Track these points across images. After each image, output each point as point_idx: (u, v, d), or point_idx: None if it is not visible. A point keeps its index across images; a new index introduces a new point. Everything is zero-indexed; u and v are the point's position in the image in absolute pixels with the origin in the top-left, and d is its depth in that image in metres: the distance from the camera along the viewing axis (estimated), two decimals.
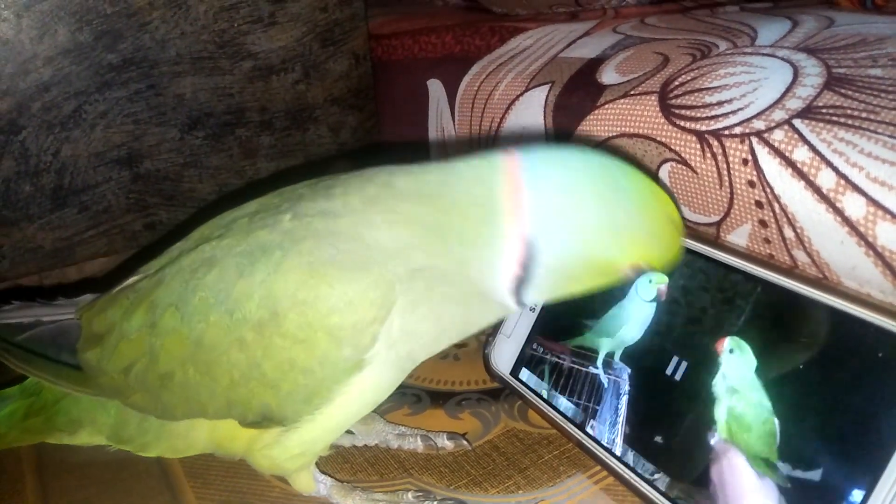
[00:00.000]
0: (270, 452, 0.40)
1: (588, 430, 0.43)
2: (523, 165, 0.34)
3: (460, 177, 0.35)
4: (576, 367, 0.46)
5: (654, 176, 0.38)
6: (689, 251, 0.42)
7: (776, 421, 0.35)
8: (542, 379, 0.47)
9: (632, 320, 0.44)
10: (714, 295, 0.40)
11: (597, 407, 0.43)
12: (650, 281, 0.43)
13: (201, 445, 0.42)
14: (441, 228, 0.35)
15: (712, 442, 0.37)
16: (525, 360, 0.49)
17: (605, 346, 0.45)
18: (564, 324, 0.47)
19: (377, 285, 0.34)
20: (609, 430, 0.42)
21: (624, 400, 0.42)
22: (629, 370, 0.43)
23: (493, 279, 0.35)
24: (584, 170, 0.34)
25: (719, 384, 0.38)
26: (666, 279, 0.42)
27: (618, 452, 0.41)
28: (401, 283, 0.35)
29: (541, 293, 0.36)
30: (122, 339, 0.39)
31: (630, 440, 0.41)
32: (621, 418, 0.42)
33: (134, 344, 0.39)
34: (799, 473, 0.34)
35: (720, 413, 0.37)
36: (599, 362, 0.44)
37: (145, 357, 0.38)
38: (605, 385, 0.44)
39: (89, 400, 0.43)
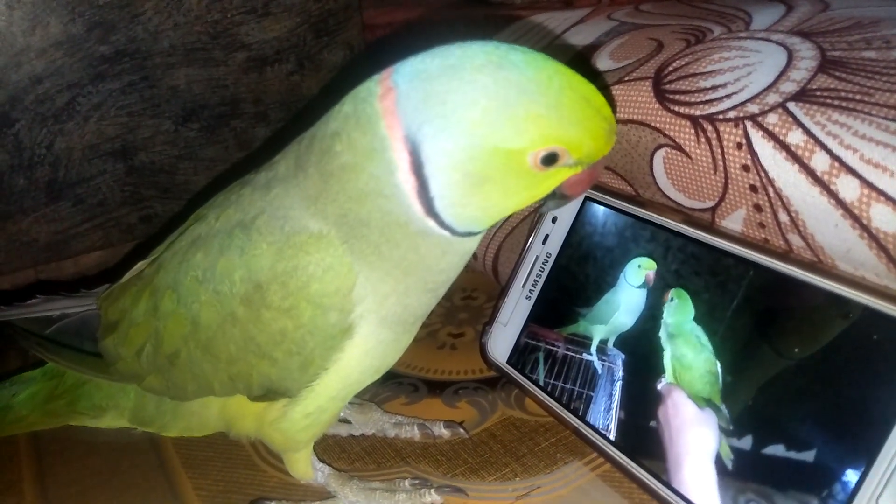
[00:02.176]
0: (280, 426, 0.40)
1: (584, 417, 0.43)
2: (395, 70, 0.31)
3: (339, 113, 0.33)
4: (571, 354, 0.46)
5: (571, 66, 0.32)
6: (683, 237, 0.42)
7: (718, 364, 0.38)
8: (539, 367, 0.47)
9: (623, 307, 0.44)
10: (708, 280, 0.40)
11: (592, 394, 0.43)
12: (639, 266, 0.43)
13: (214, 424, 0.43)
14: (336, 173, 0.32)
15: (659, 387, 0.40)
16: (521, 348, 0.49)
17: (598, 333, 0.45)
18: (559, 312, 0.47)
19: (347, 249, 0.33)
20: (604, 416, 0.42)
21: (618, 386, 0.42)
22: (623, 356, 0.43)
23: (399, 199, 0.31)
24: (464, 54, 0.30)
25: (663, 332, 0.41)
26: (654, 265, 0.42)
27: (613, 438, 0.41)
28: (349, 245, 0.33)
29: (456, 206, 0.31)
30: (132, 324, 0.40)
31: (625, 426, 0.41)
32: (615, 404, 0.42)
33: (141, 328, 0.40)
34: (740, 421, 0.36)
35: (667, 360, 0.40)
36: (593, 349, 0.44)
37: (152, 339, 0.39)
38: (601, 372, 0.44)
39: (110, 385, 0.44)
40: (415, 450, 0.46)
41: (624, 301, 0.44)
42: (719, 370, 0.38)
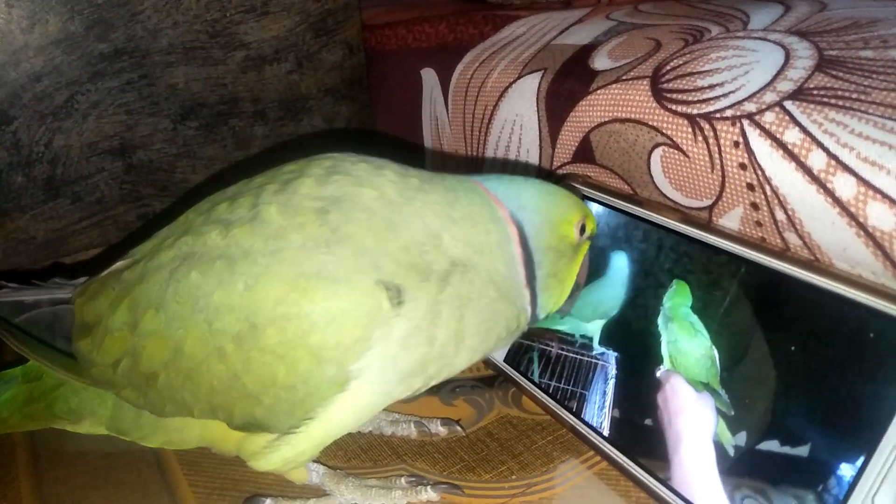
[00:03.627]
0: (261, 458, 0.39)
1: (580, 414, 0.43)
2: (486, 185, 0.39)
3: (447, 182, 0.38)
4: (565, 353, 0.46)
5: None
6: (681, 235, 0.42)
7: (714, 349, 0.38)
8: (535, 365, 0.47)
9: (605, 302, 0.44)
10: (701, 277, 0.40)
11: (588, 392, 0.43)
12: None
13: (195, 442, 0.41)
14: (457, 219, 0.36)
15: (658, 375, 0.41)
16: (518, 347, 0.49)
17: (582, 329, 0.45)
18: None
19: (364, 298, 0.33)
20: (600, 413, 0.42)
21: (613, 383, 0.42)
22: (618, 353, 0.43)
23: (512, 265, 0.37)
24: (519, 180, 0.40)
25: (661, 321, 0.41)
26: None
27: (609, 436, 0.41)
28: (418, 282, 0.34)
29: (543, 283, 0.39)
30: (108, 334, 0.38)
31: (621, 423, 0.41)
32: (611, 402, 0.42)
33: (118, 341, 0.38)
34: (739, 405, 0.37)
35: (664, 348, 0.41)
36: (578, 346, 0.45)
37: (130, 355, 0.37)
38: (596, 369, 0.44)
39: (87, 390, 0.42)
40: (411, 447, 0.46)
41: (605, 296, 0.45)
42: (716, 356, 0.38)
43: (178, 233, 0.38)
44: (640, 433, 0.40)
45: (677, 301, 0.41)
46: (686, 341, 0.40)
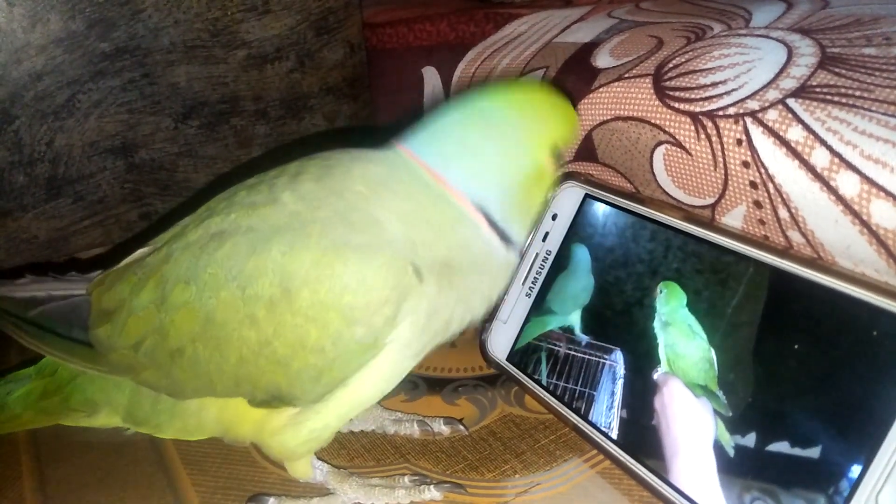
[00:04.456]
0: (281, 437, 0.39)
1: (584, 413, 0.43)
2: (418, 152, 0.39)
3: (399, 172, 0.39)
4: (570, 351, 0.46)
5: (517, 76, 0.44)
6: (683, 234, 0.42)
7: (712, 351, 0.38)
8: (538, 364, 0.47)
9: (580, 293, 0.46)
10: (709, 276, 0.40)
11: (591, 391, 0.43)
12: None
13: (211, 427, 0.42)
14: (422, 215, 0.38)
15: (655, 377, 0.41)
16: (521, 345, 0.49)
17: (565, 322, 0.46)
18: (547, 309, 0.47)
19: (392, 265, 0.35)
20: (605, 413, 0.42)
21: (618, 382, 0.42)
22: (621, 351, 0.43)
23: (482, 234, 0.39)
24: (452, 126, 0.40)
25: (657, 323, 0.41)
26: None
27: (614, 436, 0.41)
28: (423, 267, 0.36)
29: (512, 221, 0.40)
30: (131, 315, 0.39)
31: (624, 422, 0.41)
32: (615, 401, 0.42)
33: (143, 320, 0.38)
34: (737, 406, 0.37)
35: (661, 350, 0.41)
36: (585, 345, 0.45)
37: (155, 333, 0.38)
38: (600, 368, 0.43)
39: (104, 379, 0.43)
40: (414, 446, 0.46)
41: (581, 284, 0.46)
42: (714, 358, 0.38)
43: (202, 217, 0.40)
44: (644, 434, 0.40)
45: (672, 303, 0.41)
46: (684, 345, 0.40)
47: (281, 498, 0.42)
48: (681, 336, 0.40)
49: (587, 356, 0.45)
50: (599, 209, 0.47)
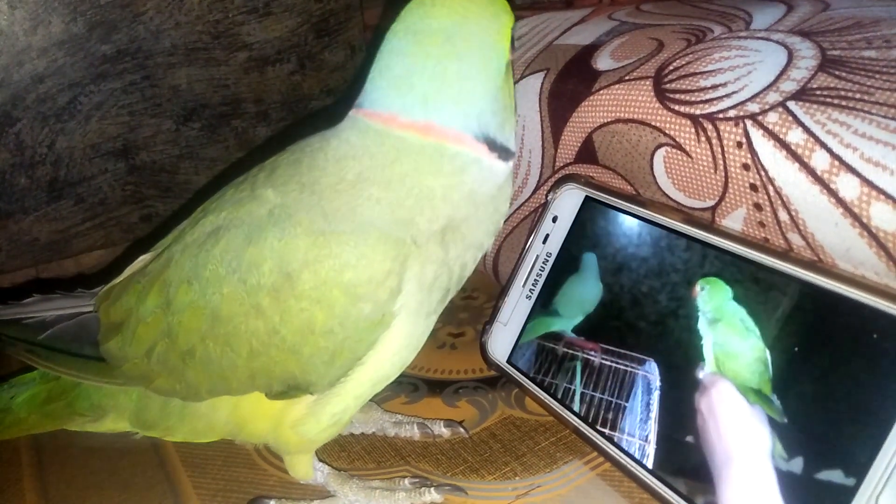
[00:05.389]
0: (302, 427, 0.39)
1: (584, 416, 0.43)
2: (389, 109, 0.36)
3: (371, 146, 0.36)
4: (571, 352, 0.46)
5: None
6: (684, 235, 0.42)
7: (767, 351, 0.36)
8: (539, 366, 0.47)
9: (587, 298, 0.45)
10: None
11: (592, 393, 0.43)
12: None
13: (222, 428, 0.42)
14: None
15: (700, 377, 0.38)
16: (522, 347, 0.49)
17: (558, 324, 0.46)
18: (553, 311, 0.48)
19: (388, 238, 0.34)
20: (605, 414, 0.42)
21: (618, 385, 0.42)
22: (654, 363, 0.43)
23: (487, 168, 0.36)
24: (408, 65, 0.35)
25: (702, 322, 0.39)
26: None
27: (613, 437, 0.41)
28: (421, 235, 0.35)
29: (506, 128, 0.37)
30: (140, 322, 0.39)
31: (628, 426, 0.41)
32: (616, 403, 0.42)
33: (151, 326, 0.38)
34: (794, 413, 0.34)
35: (707, 349, 0.38)
36: (618, 356, 0.44)
37: (164, 337, 0.38)
38: (600, 370, 0.43)
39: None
40: (415, 449, 0.46)
41: (580, 290, 0.46)
42: (769, 358, 0.36)
43: (197, 218, 0.40)
44: (679, 445, 0.38)
45: (718, 299, 0.39)
46: (738, 343, 0.37)
47: (282, 500, 0.42)
48: (733, 333, 0.38)
49: (586, 357, 0.45)
50: (600, 211, 0.47)
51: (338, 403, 0.39)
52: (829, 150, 0.35)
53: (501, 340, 0.50)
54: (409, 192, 0.35)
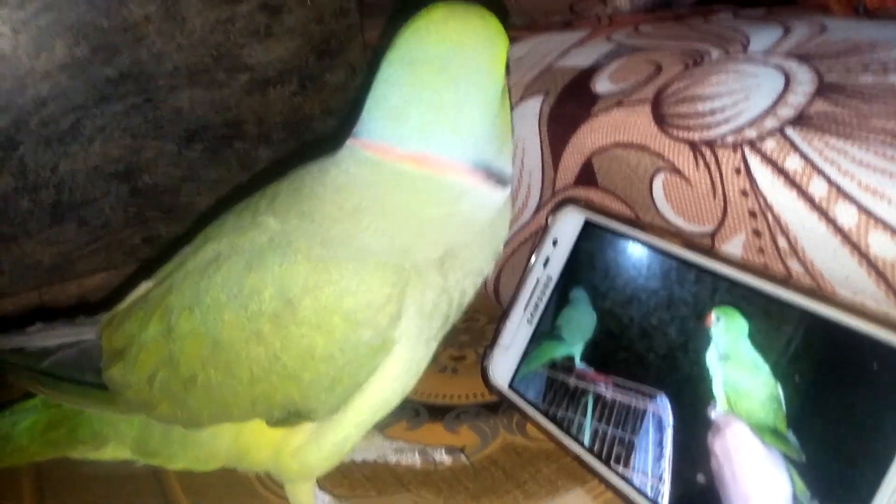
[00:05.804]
0: (302, 456, 0.39)
1: (586, 443, 0.43)
2: (384, 140, 0.36)
3: (367, 176, 0.36)
4: (568, 379, 0.45)
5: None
6: (682, 260, 0.42)
7: (779, 386, 0.35)
8: (540, 391, 0.47)
9: (585, 324, 0.45)
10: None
11: (595, 421, 0.43)
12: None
13: (224, 456, 0.41)
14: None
15: (713, 417, 0.37)
16: (524, 372, 0.49)
17: (571, 351, 0.46)
18: (555, 336, 0.47)
19: (386, 265, 0.35)
20: (607, 443, 0.42)
21: (620, 412, 0.42)
22: (666, 397, 0.42)
23: (484, 196, 0.37)
24: (404, 94, 0.36)
25: (712, 356, 0.38)
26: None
27: (618, 468, 0.41)
28: (419, 262, 0.36)
29: (503, 154, 0.38)
30: (142, 349, 0.39)
31: (629, 454, 0.41)
32: (618, 431, 0.42)
33: (153, 353, 0.38)
34: (812, 449, 0.33)
35: (718, 387, 0.37)
36: (631, 390, 0.43)
37: (166, 364, 0.38)
38: (602, 398, 0.43)
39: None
40: (416, 476, 0.46)
41: (578, 318, 0.46)
42: (782, 394, 0.35)
43: (198, 245, 0.40)
44: (693, 490, 0.37)
45: (734, 331, 0.38)
46: (748, 380, 0.36)
47: None
48: (744, 371, 0.36)
49: (585, 385, 0.44)
50: (600, 236, 0.47)
51: (339, 432, 0.39)
52: (827, 178, 0.35)
53: (503, 365, 0.50)
54: (406, 221, 0.36)
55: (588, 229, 0.48)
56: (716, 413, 0.37)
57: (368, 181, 0.36)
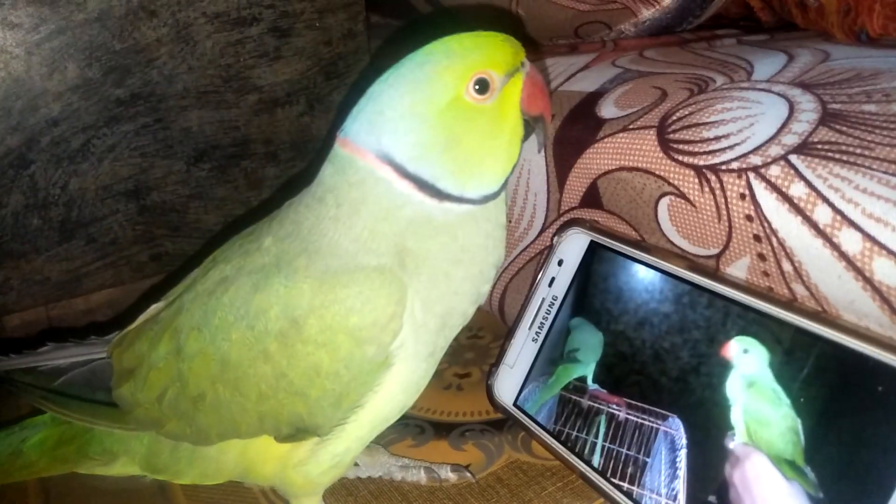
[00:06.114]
0: (305, 468, 0.40)
1: (591, 461, 0.43)
2: (349, 140, 0.37)
3: (346, 184, 0.37)
4: (575, 397, 0.46)
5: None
6: (687, 283, 0.42)
7: (798, 419, 0.35)
8: (545, 409, 0.47)
9: (595, 345, 0.46)
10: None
11: (600, 440, 0.44)
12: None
13: (231, 470, 0.42)
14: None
15: (731, 446, 0.37)
16: (528, 390, 0.49)
17: (577, 372, 0.46)
18: (558, 355, 0.48)
19: (388, 281, 0.35)
20: (613, 461, 0.42)
21: (626, 431, 0.42)
22: (679, 421, 0.42)
23: (413, 201, 0.36)
24: (375, 95, 0.37)
25: (734, 385, 0.38)
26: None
27: (623, 484, 0.41)
28: (399, 269, 0.36)
29: (455, 175, 0.36)
30: (152, 368, 0.40)
31: (636, 472, 0.41)
32: (624, 449, 0.42)
33: (163, 372, 0.39)
34: (827, 483, 0.33)
35: (737, 416, 0.37)
36: (643, 412, 0.43)
37: (175, 382, 0.39)
38: (608, 416, 0.44)
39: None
40: (421, 493, 0.46)
41: (585, 338, 0.46)
42: (801, 427, 0.35)
43: (207, 268, 0.41)
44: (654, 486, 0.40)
45: (757, 362, 0.38)
46: (770, 411, 0.36)
47: None
48: (765, 402, 0.36)
49: (592, 404, 0.45)
50: (605, 256, 0.48)
51: (339, 444, 0.39)
52: (831, 205, 0.36)
53: (508, 383, 0.51)
54: (383, 226, 0.36)
55: (593, 250, 0.49)
56: (734, 443, 0.37)
57: (334, 176, 0.37)
